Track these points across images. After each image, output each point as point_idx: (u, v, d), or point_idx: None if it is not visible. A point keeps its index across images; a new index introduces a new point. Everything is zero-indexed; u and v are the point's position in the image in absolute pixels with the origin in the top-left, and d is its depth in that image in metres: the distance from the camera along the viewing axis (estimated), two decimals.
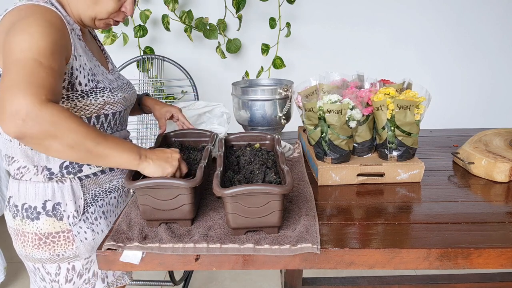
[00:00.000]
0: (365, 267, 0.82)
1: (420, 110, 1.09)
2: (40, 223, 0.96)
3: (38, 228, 0.96)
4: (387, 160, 1.13)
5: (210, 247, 0.81)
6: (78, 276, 1.01)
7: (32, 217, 0.96)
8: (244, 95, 1.42)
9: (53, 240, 0.97)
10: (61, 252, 0.98)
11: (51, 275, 1.01)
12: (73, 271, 1.01)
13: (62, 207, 0.96)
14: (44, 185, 0.95)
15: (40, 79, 0.75)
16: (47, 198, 0.95)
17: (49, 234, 0.96)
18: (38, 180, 0.95)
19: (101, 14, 0.93)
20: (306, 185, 1.09)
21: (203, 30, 2.23)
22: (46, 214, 0.95)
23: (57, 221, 0.96)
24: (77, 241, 0.98)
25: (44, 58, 0.77)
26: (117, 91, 1.01)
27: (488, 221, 0.91)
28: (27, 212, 0.96)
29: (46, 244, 0.97)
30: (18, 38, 0.78)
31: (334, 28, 2.43)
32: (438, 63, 2.51)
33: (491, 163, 1.12)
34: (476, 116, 2.61)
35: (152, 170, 0.85)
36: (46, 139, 0.74)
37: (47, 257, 0.98)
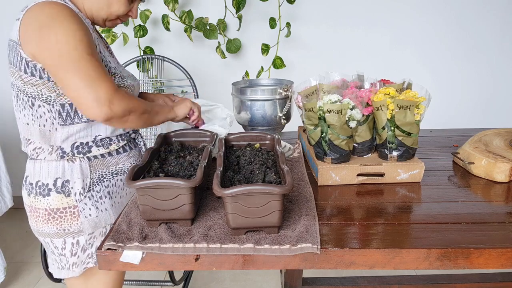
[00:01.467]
0: (365, 267, 0.82)
1: (420, 110, 1.09)
2: (50, 199, 1.04)
3: (48, 204, 1.04)
4: (387, 160, 1.13)
5: (210, 247, 0.81)
6: (82, 251, 1.09)
7: (43, 194, 1.04)
8: (244, 95, 1.42)
9: (61, 215, 1.05)
10: (66, 227, 1.06)
11: (58, 249, 1.09)
12: (77, 246, 1.08)
13: (70, 184, 1.04)
14: (56, 163, 1.04)
15: (102, 68, 0.94)
16: (58, 176, 1.04)
17: (57, 210, 1.04)
18: (51, 159, 1.04)
19: (111, 16, 1.05)
20: (306, 185, 1.09)
21: (203, 30, 2.23)
22: (56, 191, 1.04)
23: (65, 197, 1.04)
24: (82, 217, 1.06)
25: (93, 51, 0.94)
26: (126, 78, 1.11)
27: (488, 221, 0.91)
28: (40, 189, 1.04)
29: (54, 219, 1.05)
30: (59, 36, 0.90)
31: (334, 28, 2.43)
32: (438, 63, 2.51)
33: (491, 163, 1.12)
34: (476, 116, 2.61)
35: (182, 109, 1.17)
36: (128, 115, 0.97)
37: (54, 231, 1.06)
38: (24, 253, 2.35)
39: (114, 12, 1.04)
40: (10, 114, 2.58)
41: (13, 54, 0.96)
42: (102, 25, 1.08)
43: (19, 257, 2.32)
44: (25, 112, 1.02)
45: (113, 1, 1.03)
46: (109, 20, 1.07)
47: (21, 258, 2.31)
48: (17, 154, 2.46)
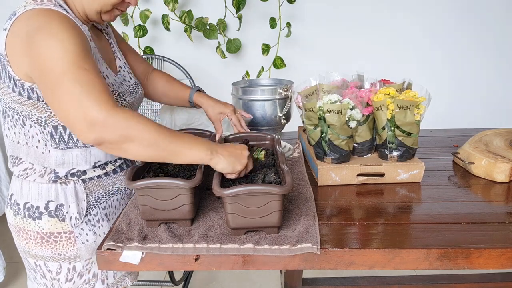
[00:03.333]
0: (365, 267, 0.81)
1: (420, 110, 1.09)
2: (42, 222, 0.96)
3: (40, 227, 0.96)
4: (387, 160, 1.13)
5: (210, 247, 0.81)
6: (78, 276, 1.01)
7: (34, 217, 0.96)
8: (244, 95, 1.42)
9: (55, 240, 0.97)
10: (62, 252, 0.99)
11: (52, 273, 1.01)
12: (74, 271, 1.01)
13: (64, 208, 0.96)
14: (47, 186, 0.95)
15: (99, 85, 0.78)
16: (50, 199, 0.96)
17: (51, 234, 0.97)
18: (43, 182, 0.95)
19: (105, 6, 0.91)
20: (306, 185, 1.09)
21: (203, 30, 2.23)
22: (48, 215, 0.96)
23: (59, 222, 0.96)
24: (79, 243, 0.99)
25: (84, 62, 0.79)
26: (125, 95, 1.01)
27: (489, 221, 0.91)
28: (28, 211, 0.96)
29: (49, 243, 0.97)
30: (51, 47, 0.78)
31: (335, 28, 2.43)
32: (439, 63, 2.50)
33: (491, 163, 1.12)
34: (476, 116, 2.60)
35: (223, 165, 0.85)
36: (124, 142, 0.78)
37: (49, 255, 0.99)
38: None
39: (108, 1, 0.90)
40: None
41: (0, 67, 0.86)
42: (98, 19, 0.94)
43: (19, 257, 2.30)
44: (15, 130, 0.93)
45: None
46: (105, 12, 0.92)
47: (21, 258, 2.30)
48: None
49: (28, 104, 0.87)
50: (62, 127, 0.92)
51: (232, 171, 0.86)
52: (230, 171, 0.86)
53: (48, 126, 0.91)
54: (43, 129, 0.91)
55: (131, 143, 0.79)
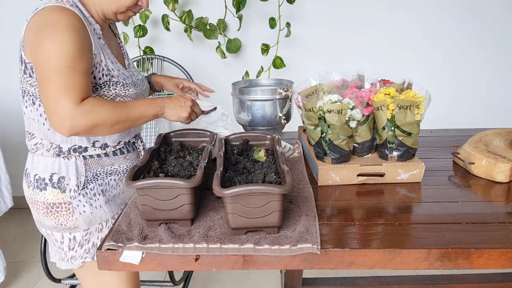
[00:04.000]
0: (365, 267, 0.81)
1: (421, 110, 1.09)
2: (47, 193, 1.06)
3: (45, 197, 1.07)
4: (387, 160, 1.13)
5: (210, 247, 0.81)
6: (79, 246, 1.10)
7: (40, 187, 1.07)
8: (244, 95, 1.42)
9: (57, 210, 1.07)
10: (63, 222, 1.08)
11: (58, 242, 1.11)
12: (74, 241, 1.10)
13: (65, 180, 1.06)
14: (52, 159, 1.06)
15: (75, 83, 0.91)
16: (54, 171, 1.06)
17: (53, 204, 1.07)
18: (48, 155, 1.06)
19: (121, 8, 1.04)
20: (306, 185, 1.09)
21: (203, 30, 2.23)
22: (52, 186, 1.06)
23: (61, 193, 1.06)
24: (76, 213, 1.07)
25: (75, 63, 0.92)
26: (129, 86, 1.10)
27: (489, 222, 0.91)
28: (37, 183, 1.07)
29: (52, 213, 1.07)
30: (50, 46, 0.90)
31: (335, 28, 2.43)
32: (439, 63, 2.51)
33: (491, 163, 1.12)
34: (476, 116, 2.61)
35: (171, 115, 1.06)
36: (92, 129, 0.93)
37: (53, 225, 1.09)
38: (24, 253, 2.35)
39: (123, 4, 1.03)
40: (9, 115, 2.58)
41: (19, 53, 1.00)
42: (115, 18, 1.07)
43: (19, 257, 2.31)
44: (30, 108, 1.05)
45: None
46: (120, 12, 1.06)
47: (21, 258, 2.31)
48: (17, 154, 2.46)
49: (36, 85, 0.99)
50: None
51: (178, 119, 1.07)
52: (176, 119, 1.06)
53: None
54: None
55: (99, 128, 0.94)
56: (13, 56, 2.57)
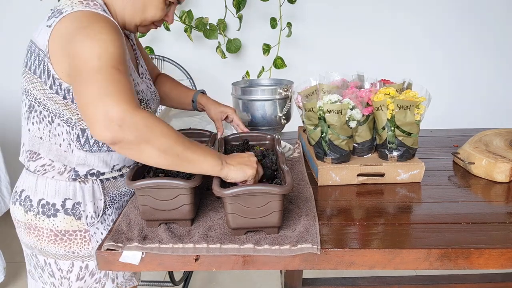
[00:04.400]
0: (365, 267, 0.81)
1: (420, 110, 1.09)
2: (57, 220, 0.96)
3: (54, 224, 0.96)
4: (387, 160, 1.13)
5: (210, 248, 0.81)
6: (90, 275, 1.02)
7: (48, 214, 0.96)
8: (244, 95, 1.42)
9: (70, 238, 0.98)
10: (76, 250, 0.99)
11: (63, 272, 1.01)
12: (86, 270, 1.01)
13: (81, 207, 0.97)
14: (66, 184, 0.96)
15: (125, 86, 0.78)
16: (67, 197, 0.96)
17: (65, 232, 0.97)
18: (61, 179, 0.96)
19: (146, 21, 0.96)
20: (306, 185, 1.09)
21: (203, 30, 2.23)
22: (65, 212, 0.96)
23: (75, 220, 0.97)
24: (93, 242, 0.99)
25: (120, 65, 0.80)
26: (150, 103, 1.03)
27: (489, 222, 0.91)
28: (43, 208, 0.96)
29: (63, 241, 0.98)
30: (89, 45, 0.79)
31: (335, 28, 2.43)
32: (439, 63, 2.50)
33: (491, 163, 1.12)
34: (476, 116, 2.60)
35: (234, 174, 0.84)
36: (140, 144, 0.76)
37: (62, 253, 0.99)
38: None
39: (149, 18, 0.95)
40: (9, 115, 2.58)
41: (36, 63, 0.87)
42: (134, 30, 0.99)
43: (19, 257, 2.31)
44: (40, 126, 0.94)
45: (148, 5, 0.93)
46: (143, 25, 0.98)
47: (21, 258, 2.29)
48: (17, 154, 2.46)
49: (62, 103, 0.89)
50: None
51: (244, 178, 0.85)
52: (242, 178, 0.85)
53: (77, 128, 0.93)
54: (71, 130, 0.92)
55: (147, 146, 0.77)
56: (13, 56, 2.56)
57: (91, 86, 0.76)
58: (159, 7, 0.94)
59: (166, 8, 0.96)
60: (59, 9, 0.86)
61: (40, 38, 0.86)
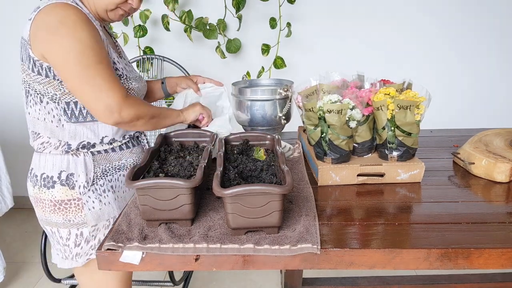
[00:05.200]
0: (365, 267, 0.81)
1: (420, 110, 1.09)
2: (54, 191, 1.07)
3: (53, 195, 1.08)
4: (387, 160, 1.13)
5: (210, 247, 0.81)
6: (85, 242, 1.12)
7: (48, 186, 1.08)
8: (244, 95, 1.42)
9: (66, 206, 1.08)
10: (71, 218, 1.09)
11: (63, 239, 1.12)
12: (81, 237, 1.11)
13: (74, 177, 1.08)
14: (61, 157, 1.08)
15: (111, 75, 0.99)
16: (62, 169, 1.08)
17: (62, 201, 1.08)
18: (57, 153, 1.08)
19: (110, 5, 1.05)
20: (306, 185, 1.09)
21: (203, 30, 2.23)
22: (60, 183, 1.07)
23: (69, 189, 1.08)
24: (85, 209, 1.09)
25: (103, 58, 0.98)
26: (131, 80, 1.14)
27: (489, 222, 0.91)
28: (44, 181, 1.08)
29: (60, 210, 1.08)
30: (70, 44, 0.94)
31: (335, 28, 2.43)
32: (438, 63, 2.51)
33: (491, 163, 1.12)
34: (476, 116, 2.61)
35: (189, 115, 1.20)
36: (135, 120, 1.03)
37: (61, 221, 1.10)
38: (24, 253, 2.35)
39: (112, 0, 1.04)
40: (10, 115, 2.58)
41: (23, 51, 1.01)
42: (106, 17, 1.08)
43: (19, 257, 2.31)
44: (35, 107, 1.06)
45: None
46: (110, 10, 1.06)
47: (21, 258, 2.31)
48: (17, 154, 2.46)
49: (45, 82, 1.01)
50: (74, 103, 1.05)
51: (197, 116, 1.21)
52: (196, 116, 1.21)
53: (62, 102, 1.04)
54: (57, 105, 1.04)
55: (138, 121, 1.04)
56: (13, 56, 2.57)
57: (86, 85, 0.96)
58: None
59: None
60: (38, 5, 0.99)
61: (24, 31, 0.99)
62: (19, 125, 2.53)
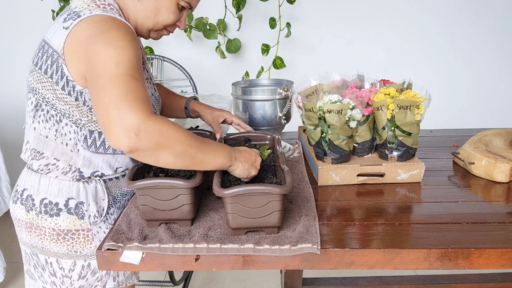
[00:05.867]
0: (365, 267, 0.81)
1: (421, 110, 1.09)
2: (60, 219, 0.96)
3: (57, 224, 0.97)
4: (387, 160, 1.13)
5: (210, 247, 0.81)
6: (92, 274, 1.02)
7: (51, 213, 0.96)
8: (244, 95, 1.42)
9: (72, 237, 0.98)
10: (79, 249, 0.99)
11: (64, 270, 1.01)
12: (88, 268, 1.02)
13: (84, 206, 0.98)
14: (69, 183, 0.97)
15: (141, 93, 0.79)
16: (70, 196, 0.97)
17: (68, 231, 0.97)
18: (65, 179, 0.96)
19: (158, 25, 0.96)
20: (306, 185, 1.09)
21: (203, 30, 2.23)
22: (68, 212, 0.96)
23: (78, 219, 0.97)
24: (96, 241, 1.00)
25: (136, 72, 0.81)
26: (155, 108, 1.03)
27: (489, 222, 0.91)
28: (46, 208, 0.96)
29: (65, 240, 0.98)
30: (108, 52, 0.79)
31: (334, 28, 2.43)
32: (439, 63, 2.51)
33: (491, 163, 1.12)
34: (476, 116, 2.60)
35: (241, 172, 0.89)
36: (157, 150, 0.77)
37: (64, 252, 0.99)
38: None
39: (162, 22, 0.96)
40: (9, 115, 2.58)
41: (49, 63, 0.88)
42: (146, 36, 1.00)
43: (19, 258, 2.30)
44: (47, 125, 0.94)
45: (161, 9, 0.94)
46: (155, 30, 0.98)
47: (21, 258, 2.30)
48: (17, 154, 2.46)
49: (73, 105, 0.89)
50: (98, 133, 0.94)
51: (248, 176, 0.90)
52: (246, 176, 0.90)
53: (85, 129, 0.93)
54: (79, 130, 0.93)
55: (163, 152, 0.78)
56: (13, 57, 2.56)
57: (108, 94, 0.77)
58: (172, 10, 0.94)
59: (179, 12, 0.97)
60: (76, 11, 0.87)
61: (55, 39, 0.87)
62: (19, 125, 2.53)
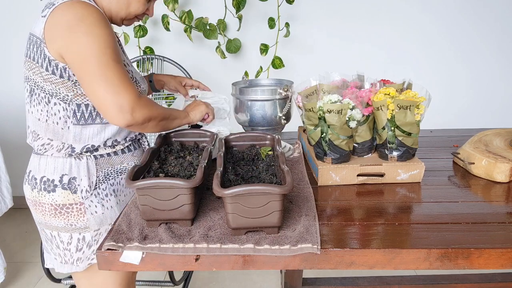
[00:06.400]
0: (366, 267, 0.81)
1: (420, 110, 1.09)
2: (56, 195, 1.05)
3: (53, 199, 1.06)
4: (387, 160, 1.13)
5: (210, 247, 0.81)
6: (88, 246, 1.10)
7: (49, 189, 1.06)
8: (244, 95, 1.42)
9: (67, 211, 1.07)
10: (73, 222, 1.08)
11: (64, 244, 1.10)
12: (83, 241, 1.10)
13: (77, 181, 1.06)
14: (63, 160, 1.06)
15: (125, 75, 0.95)
16: (64, 172, 1.06)
17: (63, 205, 1.06)
18: (59, 156, 1.06)
19: (130, 15, 1.08)
20: (306, 185, 1.09)
21: (203, 30, 2.23)
22: (62, 187, 1.05)
23: (71, 194, 1.06)
24: (88, 214, 1.08)
25: (117, 56, 0.96)
26: (140, 83, 1.13)
27: (489, 222, 0.91)
28: (44, 185, 1.06)
29: (61, 214, 1.07)
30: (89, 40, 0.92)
31: (334, 28, 2.43)
32: (439, 63, 2.51)
33: (491, 163, 1.12)
34: (476, 116, 2.61)
35: (195, 116, 1.18)
36: (147, 122, 1.00)
37: (62, 225, 1.08)
38: (24, 253, 2.35)
39: (133, 12, 1.07)
40: (9, 115, 2.58)
41: (34, 50, 0.97)
42: (119, 24, 1.10)
43: (19, 257, 2.31)
44: (39, 107, 1.03)
45: (132, 1, 1.05)
46: (127, 19, 1.09)
47: (21, 258, 2.31)
48: (17, 154, 2.46)
49: (59, 82, 0.98)
50: (85, 105, 1.03)
51: (203, 115, 1.20)
52: (202, 116, 1.19)
53: (73, 103, 1.02)
54: (67, 106, 1.02)
55: (149, 122, 1.01)
56: (13, 57, 2.57)
57: (100, 82, 0.92)
58: (141, 2, 1.06)
59: (147, 2, 1.08)
60: (51, 1, 0.97)
61: (36, 28, 0.97)
62: (19, 125, 2.53)
